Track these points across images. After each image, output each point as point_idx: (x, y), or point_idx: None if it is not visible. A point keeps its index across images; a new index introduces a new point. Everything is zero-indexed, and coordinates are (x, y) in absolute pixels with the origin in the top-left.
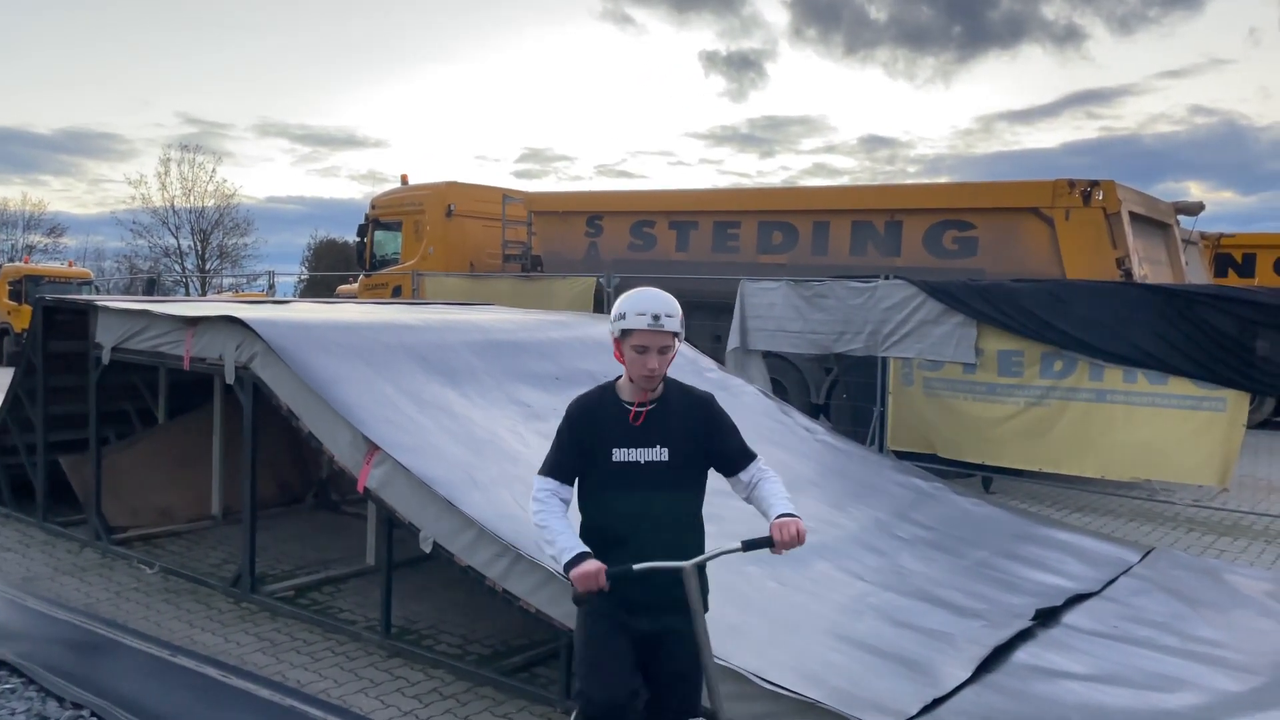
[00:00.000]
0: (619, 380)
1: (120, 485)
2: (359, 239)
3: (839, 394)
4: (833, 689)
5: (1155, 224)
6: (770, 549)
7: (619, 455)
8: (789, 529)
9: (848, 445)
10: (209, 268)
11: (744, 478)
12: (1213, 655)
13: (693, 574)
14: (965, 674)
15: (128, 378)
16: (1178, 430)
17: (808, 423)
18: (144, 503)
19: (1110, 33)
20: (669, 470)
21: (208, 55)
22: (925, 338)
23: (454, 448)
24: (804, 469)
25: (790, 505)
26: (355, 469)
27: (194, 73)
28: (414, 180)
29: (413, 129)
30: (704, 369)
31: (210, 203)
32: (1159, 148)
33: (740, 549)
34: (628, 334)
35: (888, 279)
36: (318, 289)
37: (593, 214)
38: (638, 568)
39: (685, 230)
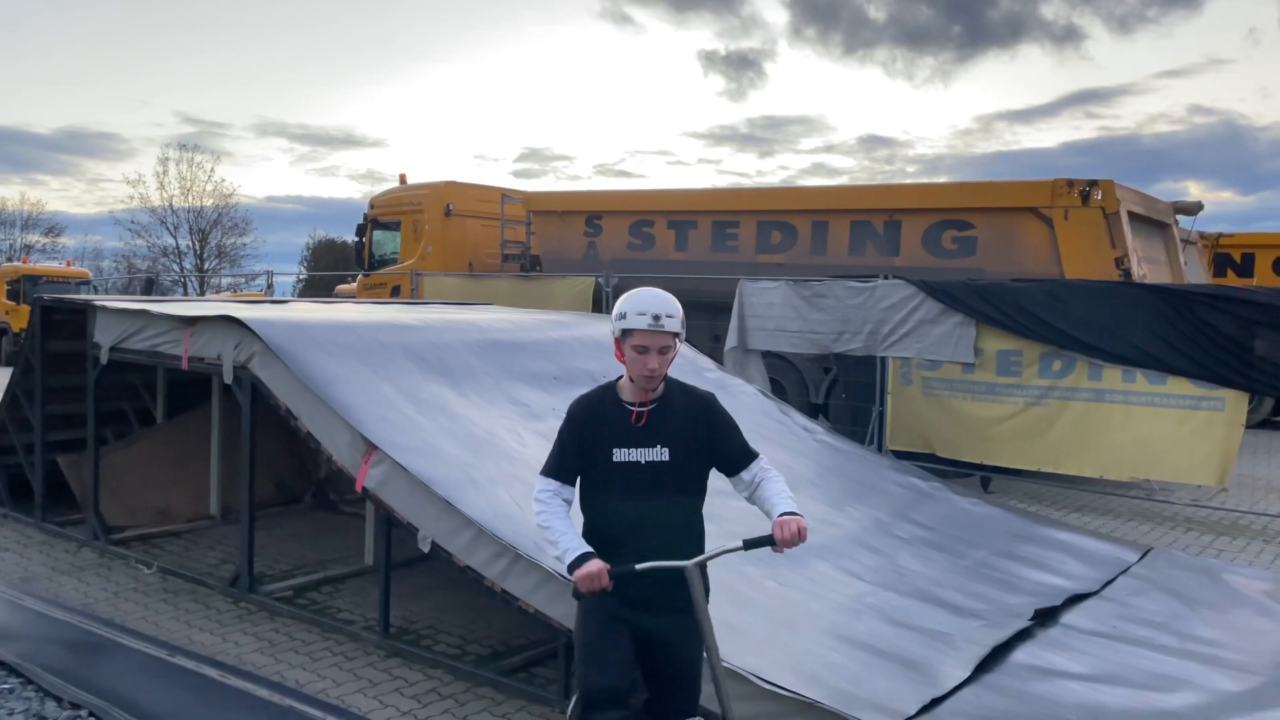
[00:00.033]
0: (620, 380)
1: (118, 485)
2: (357, 239)
3: (838, 394)
4: (831, 689)
5: (1154, 224)
6: (771, 547)
7: (620, 455)
8: (789, 527)
9: (847, 445)
10: (207, 267)
11: (746, 477)
12: (1211, 655)
13: (695, 573)
14: (964, 674)
15: (126, 377)
16: (1176, 430)
17: (806, 422)
18: (142, 502)
19: (1109, 32)
20: (670, 470)
21: (206, 55)
22: (924, 337)
23: (452, 447)
24: (803, 469)
25: (793, 504)
26: (353, 469)
27: (192, 72)
28: (413, 180)
29: (411, 128)
30: (703, 369)
31: (209, 202)
32: (1158, 147)
33: (741, 548)
34: (628, 334)
35: (887, 279)
36: (316, 289)
37: (591, 214)
38: (640, 567)
39: (684, 230)
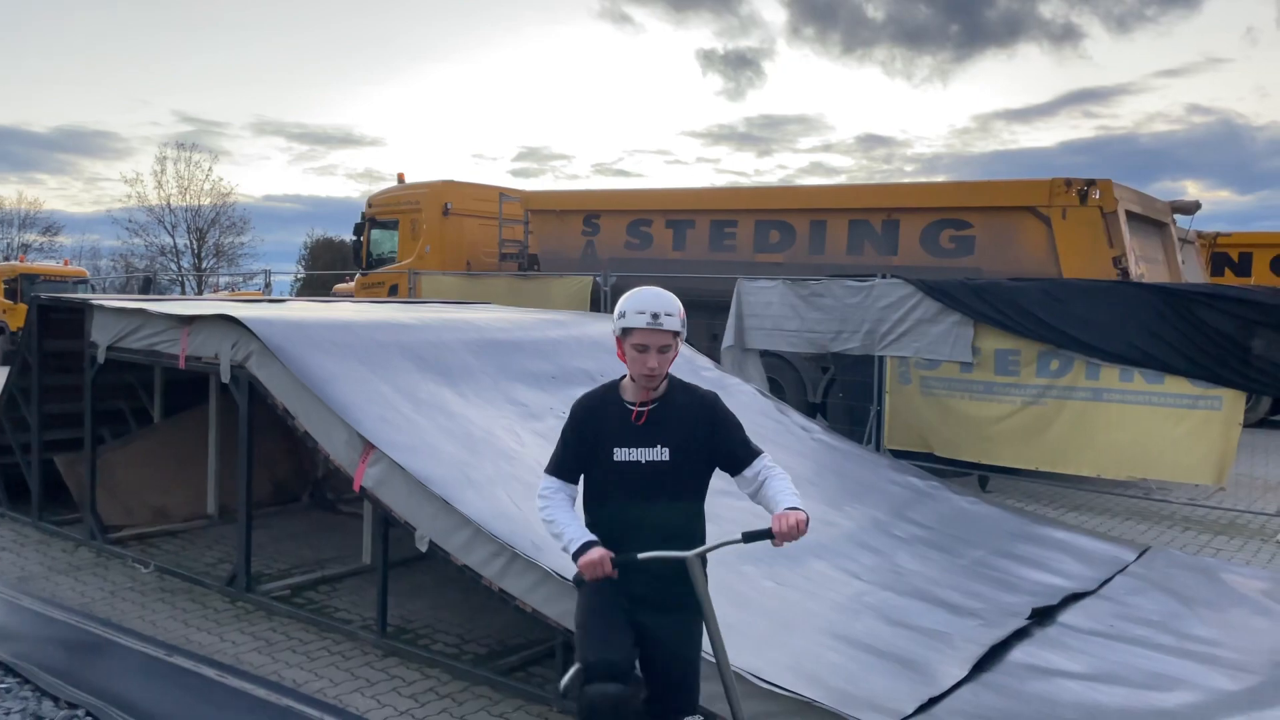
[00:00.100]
0: (623, 380)
1: (115, 484)
2: (355, 238)
3: (836, 393)
4: (829, 688)
5: (1152, 223)
6: (771, 541)
7: (620, 454)
8: (788, 520)
9: (844, 444)
10: (205, 266)
11: (749, 474)
12: (1208, 654)
13: (696, 563)
14: (961, 673)
15: (123, 376)
16: (1174, 429)
17: (804, 422)
18: (139, 502)
19: (1107, 32)
20: (670, 470)
21: (204, 54)
22: (922, 337)
23: (450, 447)
24: (801, 468)
25: (797, 500)
26: (351, 468)
27: (190, 71)
28: (411, 179)
29: (410, 127)
30: (701, 368)
31: (206, 201)
32: (1156, 147)
33: (741, 540)
34: (628, 332)
35: (885, 278)
36: (314, 288)
37: (590, 213)
38: (643, 556)
39: (682, 229)
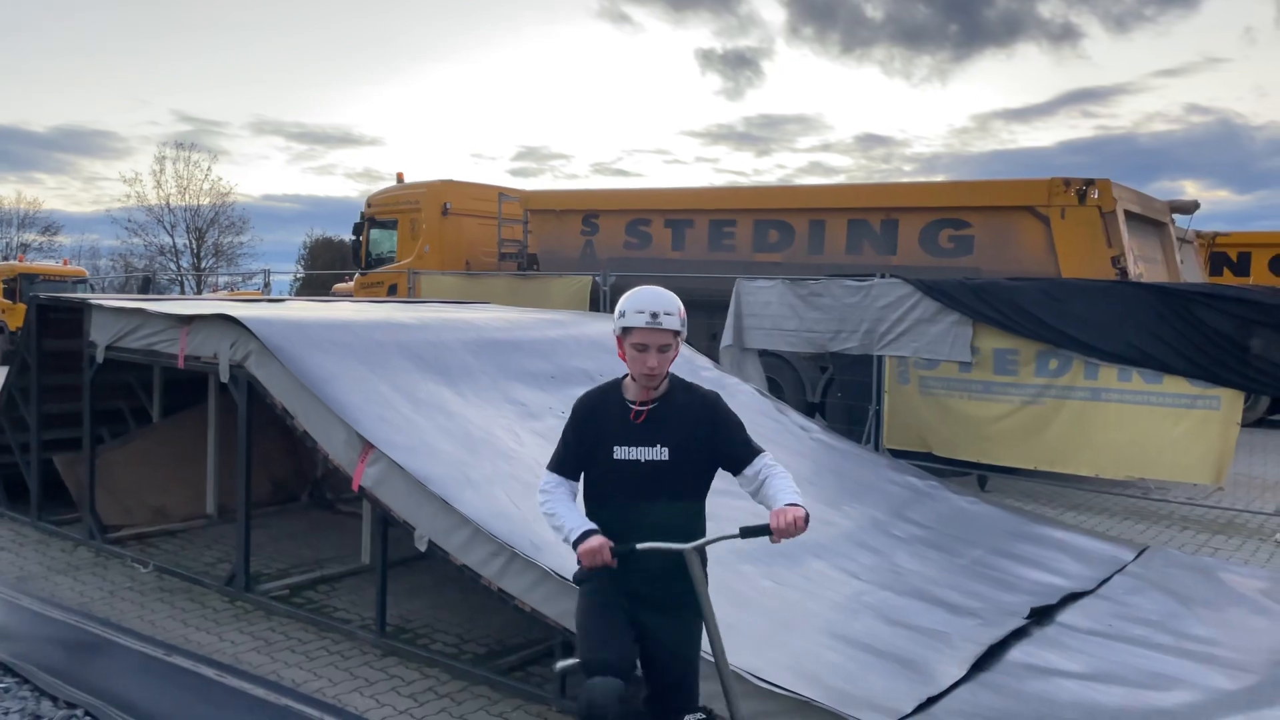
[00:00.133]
0: (625, 378)
1: (114, 484)
2: (355, 237)
3: (834, 392)
4: (828, 688)
5: (1150, 222)
6: (769, 538)
7: (620, 453)
8: (786, 515)
9: (843, 444)
10: (204, 266)
11: (749, 473)
12: (1207, 653)
13: (694, 556)
14: (960, 672)
15: (122, 376)
16: (1172, 429)
17: (803, 421)
18: (138, 501)
19: (1106, 31)
20: (669, 469)
21: (203, 53)
22: (921, 336)
23: (449, 446)
24: (799, 468)
25: (797, 498)
26: (350, 467)
27: (189, 71)
28: (410, 178)
29: (409, 127)
30: (700, 367)
31: (205, 201)
32: (1155, 146)
33: (738, 535)
34: (628, 332)
35: (883, 277)
36: (313, 287)
37: (589, 212)
38: (641, 546)
39: (681, 229)
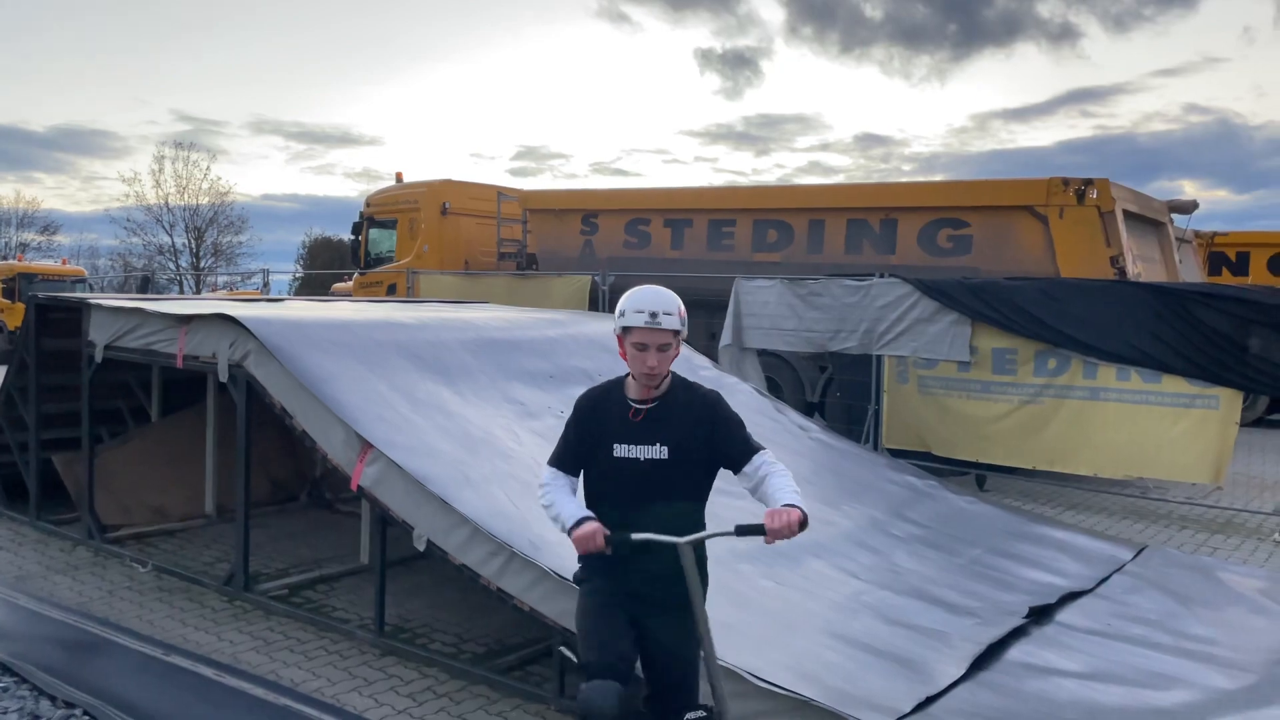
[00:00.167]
0: (627, 377)
1: (113, 483)
2: (354, 237)
3: (834, 392)
4: (827, 687)
5: (1149, 222)
6: (763, 537)
7: (619, 451)
8: (781, 516)
9: (842, 443)
10: (203, 266)
11: (749, 470)
12: (1206, 653)
13: (688, 550)
14: (959, 672)
15: (121, 376)
16: (1171, 428)
17: (802, 421)
18: (137, 501)
19: (1105, 31)
20: (668, 468)
21: (203, 53)
22: (920, 336)
23: (448, 446)
24: (799, 467)
25: (796, 497)
26: (349, 467)
27: (188, 70)
28: (409, 178)
29: (408, 127)
30: (699, 367)
31: (204, 200)
32: (1153, 146)
33: (733, 533)
34: (628, 331)
35: (882, 277)
36: (312, 287)
37: (588, 212)
38: (636, 536)
39: (680, 228)
